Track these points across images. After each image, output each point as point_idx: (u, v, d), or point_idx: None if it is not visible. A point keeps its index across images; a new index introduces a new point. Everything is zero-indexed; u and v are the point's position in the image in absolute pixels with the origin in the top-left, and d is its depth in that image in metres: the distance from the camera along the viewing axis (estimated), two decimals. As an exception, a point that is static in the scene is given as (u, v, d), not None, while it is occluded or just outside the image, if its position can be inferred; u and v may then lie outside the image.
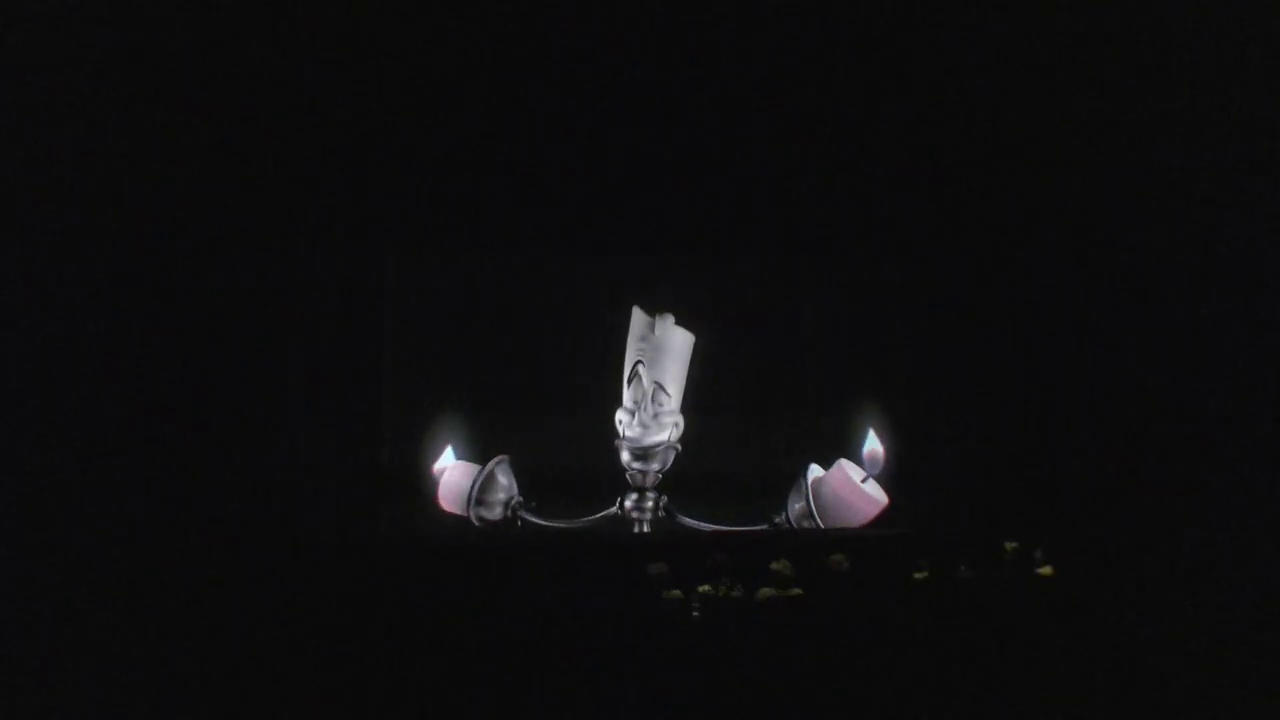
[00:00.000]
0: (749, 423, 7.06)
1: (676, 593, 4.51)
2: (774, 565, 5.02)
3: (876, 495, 5.36)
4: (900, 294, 8.07)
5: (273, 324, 7.05)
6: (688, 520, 6.12)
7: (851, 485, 5.23)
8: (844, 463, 5.68)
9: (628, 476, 6.20)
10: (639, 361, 5.82)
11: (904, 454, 7.69)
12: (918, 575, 4.88)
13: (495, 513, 5.84)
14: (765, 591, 4.65)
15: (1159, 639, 3.64)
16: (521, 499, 5.85)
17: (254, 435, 6.78)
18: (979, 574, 4.67)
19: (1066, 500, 7.25)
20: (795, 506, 5.43)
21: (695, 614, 4.19)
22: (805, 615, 4.00)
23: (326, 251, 7.14)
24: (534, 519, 5.92)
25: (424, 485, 6.91)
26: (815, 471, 5.90)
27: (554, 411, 7.28)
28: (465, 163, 7.06)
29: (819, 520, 5.28)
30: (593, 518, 5.98)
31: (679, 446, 6.40)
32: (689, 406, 6.65)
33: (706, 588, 4.64)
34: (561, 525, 6.01)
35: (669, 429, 5.95)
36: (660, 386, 5.82)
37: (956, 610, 4.00)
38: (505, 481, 5.86)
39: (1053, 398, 7.87)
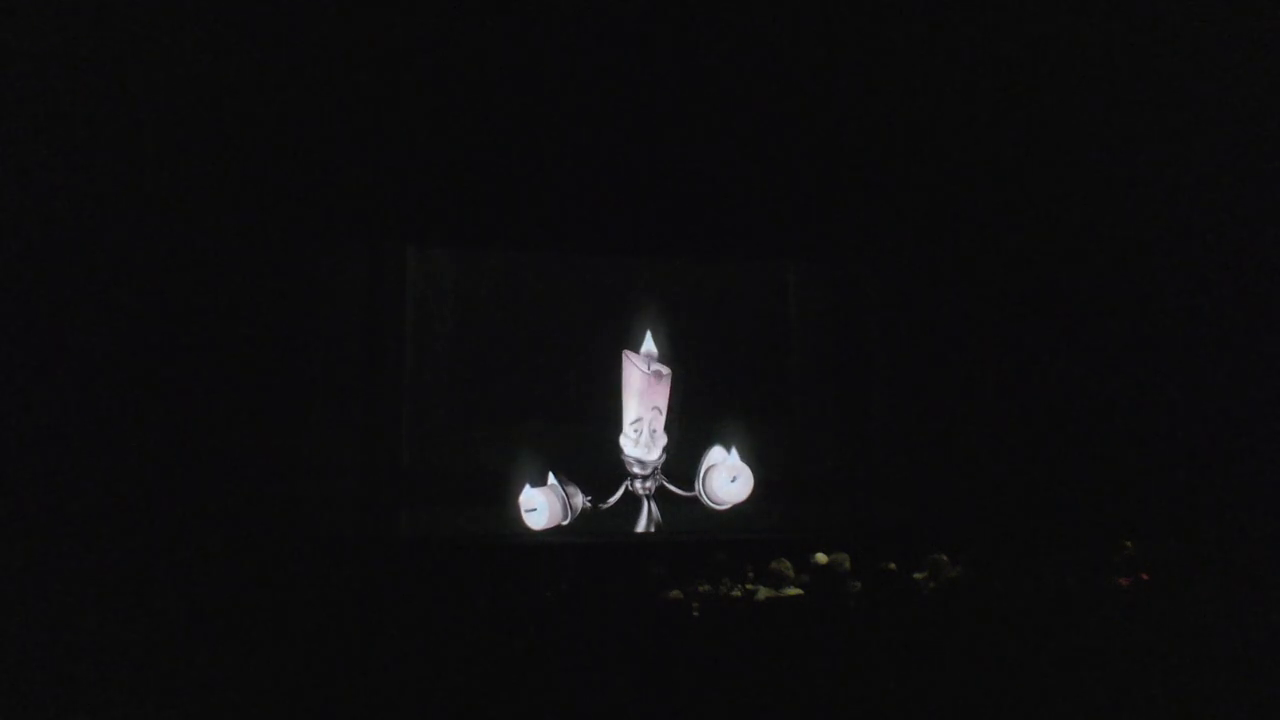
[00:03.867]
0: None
1: (676, 593, 4.51)
2: (774, 565, 5.02)
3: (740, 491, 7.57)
4: (874, 296, 8.15)
5: (293, 327, 7.07)
6: (673, 488, 7.52)
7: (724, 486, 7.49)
8: (717, 470, 7.55)
9: (632, 471, 7.59)
10: (639, 419, 7.43)
11: (894, 455, 7.82)
12: (918, 575, 4.88)
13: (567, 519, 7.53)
14: (765, 591, 4.65)
15: (1155, 639, 3.63)
16: (586, 499, 7.38)
17: (279, 437, 6.82)
18: (977, 574, 4.64)
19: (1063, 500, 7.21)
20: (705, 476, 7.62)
21: (695, 614, 4.19)
22: (805, 615, 3.99)
23: (348, 257, 7.19)
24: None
25: (440, 485, 7.22)
26: (712, 458, 7.65)
27: (561, 416, 7.57)
28: (483, 168, 7.15)
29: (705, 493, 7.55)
30: (615, 498, 7.45)
31: (666, 452, 7.53)
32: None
33: (706, 587, 4.64)
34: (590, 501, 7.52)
35: (661, 444, 7.49)
36: (657, 413, 7.44)
37: (954, 609, 3.98)
38: (570, 490, 7.47)
39: (1040, 400, 7.84)
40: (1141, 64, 6.57)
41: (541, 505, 7.19)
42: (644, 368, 7.38)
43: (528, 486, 7.25)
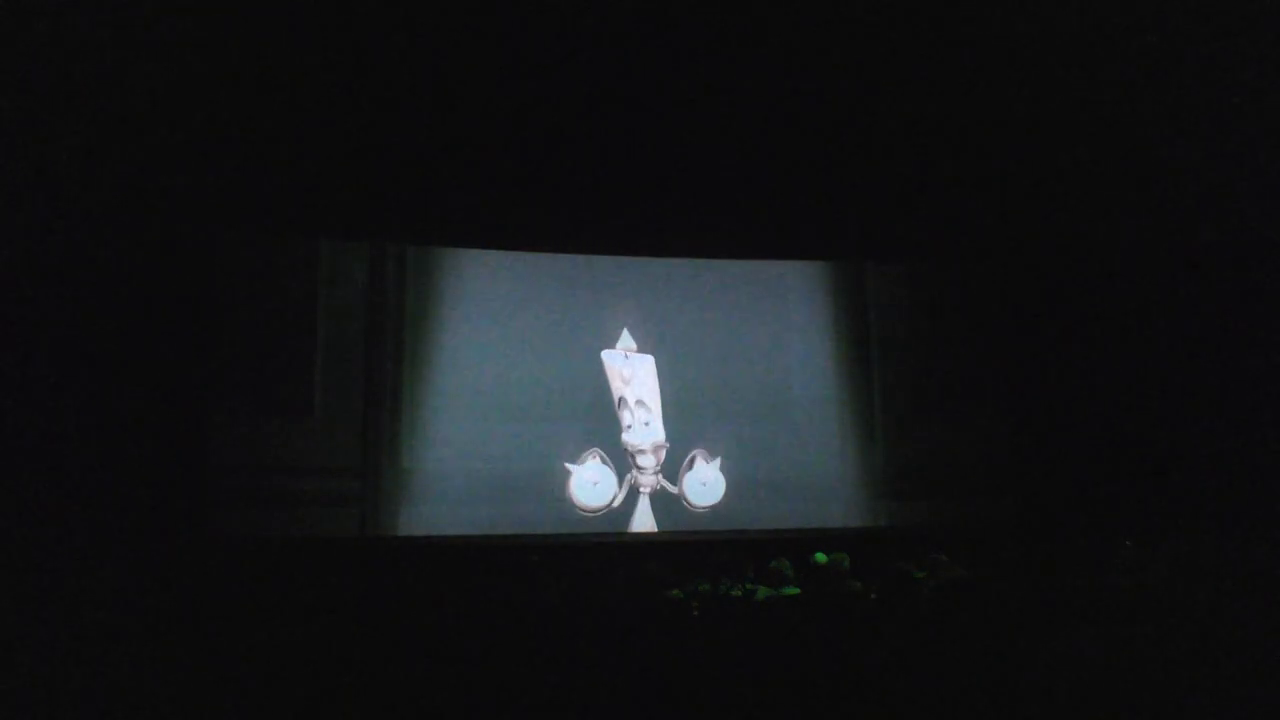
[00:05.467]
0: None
1: (676, 593, 4.51)
2: (774, 565, 5.02)
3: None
4: (896, 297, 8.19)
5: (292, 326, 7.10)
6: (667, 484, 7.53)
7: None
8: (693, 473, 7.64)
9: (635, 464, 7.60)
10: (622, 397, 7.60)
11: (904, 456, 7.85)
12: (918, 574, 4.87)
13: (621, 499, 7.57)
14: (765, 591, 4.65)
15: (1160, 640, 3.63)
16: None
17: (278, 436, 6.84)
18: (977, 574, 4.64)
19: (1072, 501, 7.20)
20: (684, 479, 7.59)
21: (695, 614, 4.19)
22: (804, 615, 3.99)
23: (347, 256, 7.20)
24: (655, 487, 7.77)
25: (439, 485, 7.20)
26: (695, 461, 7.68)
27: (562, 414, 7.64)
28: (483, 169, 7.19)
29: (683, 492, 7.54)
30: (623, 494, 7.51)
31: (667, 444, 7.59)
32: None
33: (706, 587, 4.64)
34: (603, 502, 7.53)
35: (653, 436, 7.56)
36: (642, 403, 7.58)
37: (954, 609, 3.98)
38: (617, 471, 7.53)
39: (1054, 402, 7.82)
40: (1162, 69, 6.53)
41: (604, 478, 7.36)
42: (616, 351, 7.67)
43: (581, 464, 7.38)
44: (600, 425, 7.55)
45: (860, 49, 6.76)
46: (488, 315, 7.58)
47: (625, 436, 7.47)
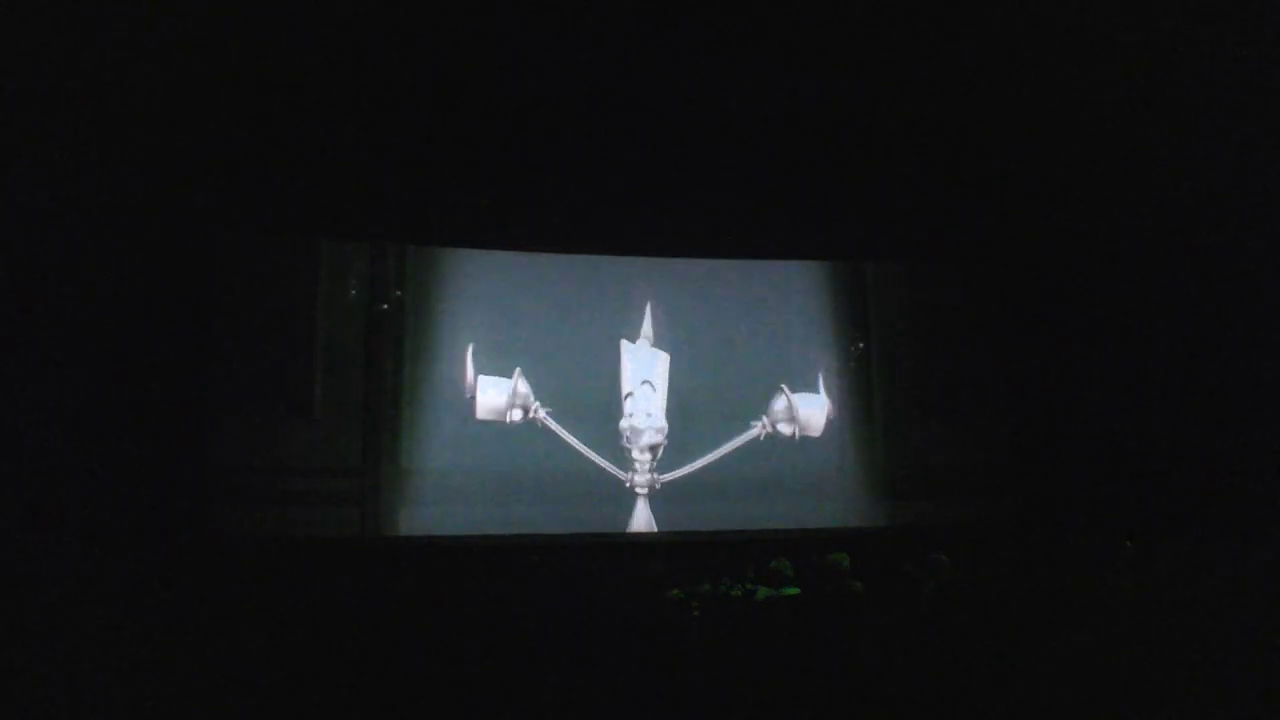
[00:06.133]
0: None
1: (676, 593, 4.51)
2: (774, 565, 5.02)
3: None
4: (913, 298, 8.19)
5: (292, 326, 7.10)
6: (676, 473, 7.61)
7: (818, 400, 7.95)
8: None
9: (632, 457, 7.77)
10: (629, 393, 7.70)
11: (908, 457, 7.86)
12: (918, 574, 4.87)
13: (518, 415, 7.55)
14: (765, 591, 4.65)
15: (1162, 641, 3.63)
16: (540, 404, 7.49)
17: (278, 436, 6.84)
18: (977, 574, 4.64)
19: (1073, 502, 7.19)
20: (776, 408, 7.81)
21: (695, 614, 4.19)
22: (805, 615, 3.99)
23: (347, 256, 7.18)
24: (554, 426, 7.61)
25: (439, 485, 7.18)
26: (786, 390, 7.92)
27: (562, 414, 7.61)
28: (483, 169, 7.19)
29: (797, 416, 7.77)
30: (602, 460, 7.56)
31: (665, 440, 7.74)
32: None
33: (707, 587, 4.64)
34: (575, 442, 7.59)
35: (659, 422, 7.66)
36: (650, 388, 7.68)
37: (954, 609, 3.98)
38: (525, 390, 7.55)
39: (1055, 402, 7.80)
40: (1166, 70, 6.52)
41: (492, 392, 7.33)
42: (634, 342, 7.78)
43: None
44: (601, 424, 7.57)
45: (860, 49, 6.75)
46: (487, 315, 7.59)
47: (626, 423, 7.50)
